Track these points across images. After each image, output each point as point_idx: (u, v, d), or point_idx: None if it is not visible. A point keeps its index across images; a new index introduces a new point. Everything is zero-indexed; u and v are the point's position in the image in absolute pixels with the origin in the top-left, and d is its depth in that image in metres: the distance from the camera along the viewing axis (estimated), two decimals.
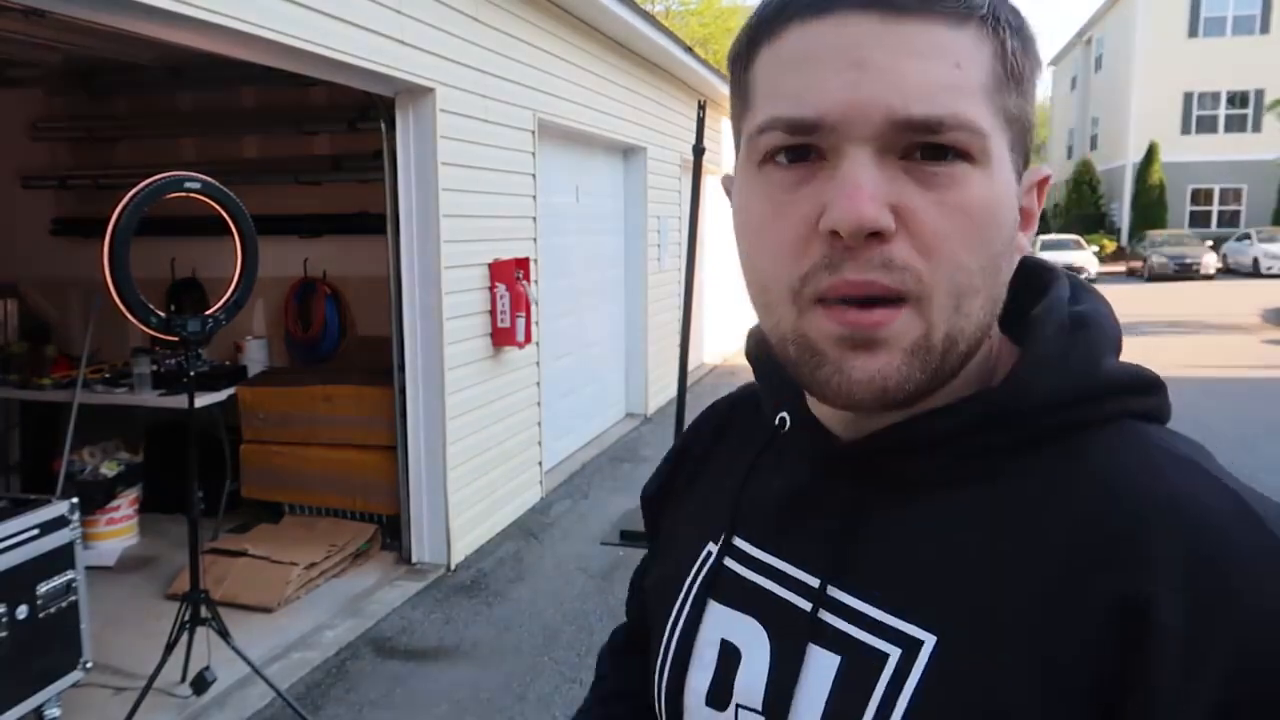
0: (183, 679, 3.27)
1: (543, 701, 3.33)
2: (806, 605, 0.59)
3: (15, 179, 5.83)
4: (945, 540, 0.55)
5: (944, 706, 0.52)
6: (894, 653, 0.54)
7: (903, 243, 0.51)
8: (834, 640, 0.57)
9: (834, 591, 0.58)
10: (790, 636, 0.59)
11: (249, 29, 3.11)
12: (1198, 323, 14.19)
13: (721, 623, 0.64)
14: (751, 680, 0.61)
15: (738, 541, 0.66)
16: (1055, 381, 0.56)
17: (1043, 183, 0.59)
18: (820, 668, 0.57)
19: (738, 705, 0.61)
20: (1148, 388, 0.58)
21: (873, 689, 0.54)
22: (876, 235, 0.50)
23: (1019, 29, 0.54)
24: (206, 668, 3.27)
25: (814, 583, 0.59)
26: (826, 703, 0.56)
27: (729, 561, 0.66)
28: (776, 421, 0.66)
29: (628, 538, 4.98)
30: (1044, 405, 0.55)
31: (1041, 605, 0.50)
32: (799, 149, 0.53)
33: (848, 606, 0.57)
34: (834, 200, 0.50)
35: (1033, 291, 0.61)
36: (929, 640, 0.53)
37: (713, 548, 0.68)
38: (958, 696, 0.51)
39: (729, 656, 0.63)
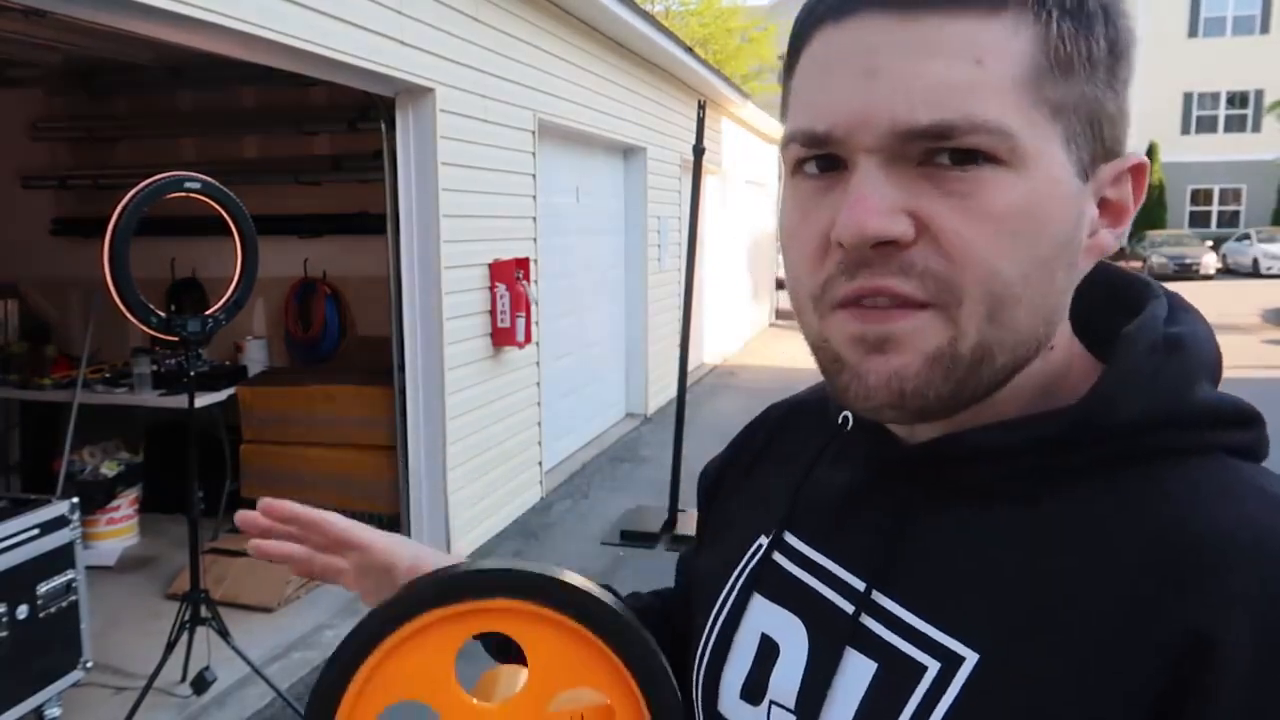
0: (183, 679, 3.27)
1: None
2: (849, 607, 0.58)
3: (15, 179, 5.83)
4: (999, 556, 0.53)
5: None
6: (933, 666, 0.53)
7: (925, 250, 0.49)
8: (873, 646, 0.56)
9: (878, 596, 0.57)
10: (829, 637, 0.58)
11: (249, 29, 3.11)
12: None
13: (764, 616, 0.64)
14: (787, 677, 0.60)
15: (789, 537, 0.65)
16: (1141, 403, 0.52)
17: (1136, 169, 0.55)
18: (856, 673, 0.56)
19: (771, 701, 0.61)
20: (1243, 420, 0.54)
21: (906, 701, 0.53)
22: (891, 244, 0.49)
23: (1074, 7, 0.49)
24: (206, 667, 3.27)
25: (859, 585, 0.58)
26: (859, 709, 0.55)
27: (777, 556, 0.65)
28: (840, 420, 0.66)
29: (628, 538, 4.98)
30: (1126, 427, 0.52)
31: (1099, 632, 0.48)
32: (826, 157, 0.52)
33: (890, 613, 0.56)
34: (840, 212, 0.50)
35: (1127, 307, 0.58)
36: (971, 657, 0.51)
37: (764, 541, 0.67)
38: (996, 718, 0.50)
39: (767, 651, 0.62)
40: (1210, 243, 24.35)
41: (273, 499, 0.74)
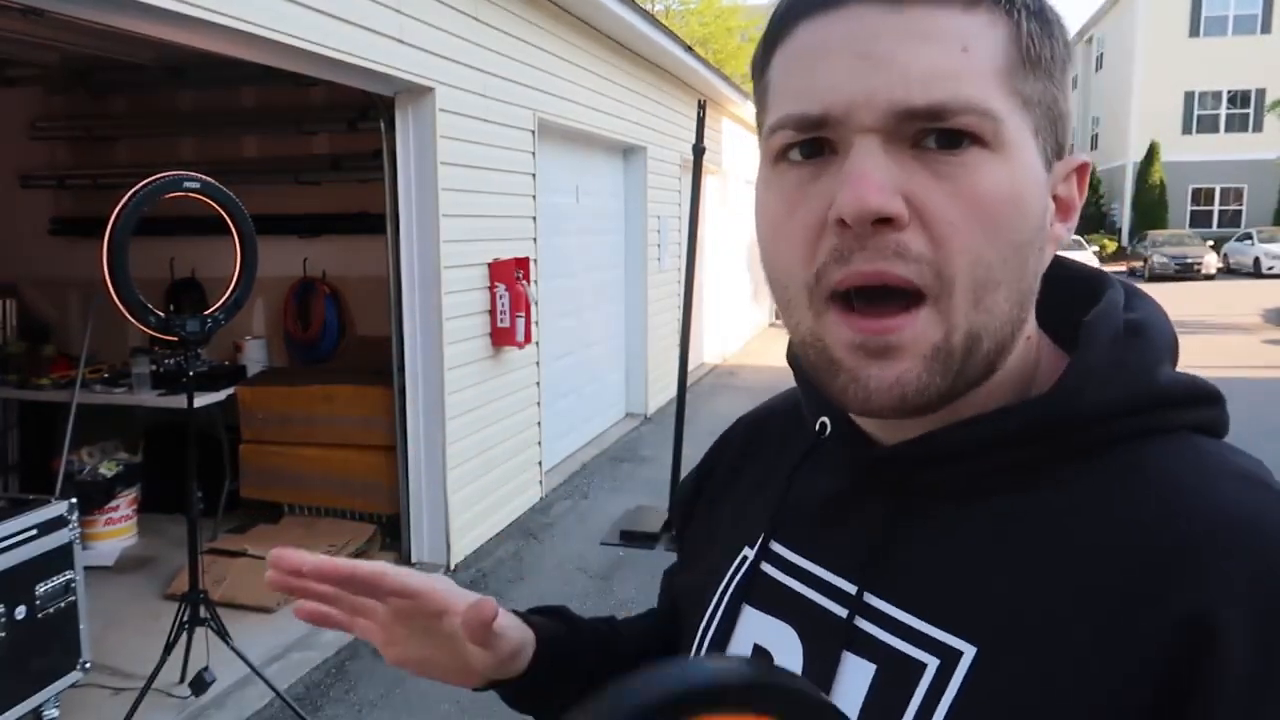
0: (182, 679, 3.26)
1: None
2: (842, 612, 0.58)
3: (14, 178, 5.83)
4: (987, 549, 0.54)
5: (985, 719, 0.50)
6: (932, 663, 0.53)
7: (916, 232, 0.50)
8: (869, 648, 0.56)
9: (870, 599, 0.57)
10: (824, 642, 0.58)
11: (249, 28, 3.10)
12: (1198, 323, 14.18)
13: (755, 627, 0.64)
14: None
15: (775, 546, 0.65)
16: (1109, 390, 0.54)
17: (1081, 169, 0.58)
18: (855, 675, 0.56)
19: None
20: (1206, 399, 0.56)
21: (909, 699, 0.53)
22: (887, 223, 0.50)
23: (1038, 11, 0.53)
24: (205, 668, 3.27)
25: (850, 589, 0.58)
26: (861, 712, 0.55)
27: (765, 566, 0.65)
28: (817, 427, 0.65)
29: (628, 538, 4.97)
30: (1096, 414, 0.54)
31: (1095, 618, 0.49)
32: (812, 144, 0.53)
33: (884, 614, 0.56)
34: (841, 189, 0.50)
35: (1084, 299, 0.60)
36: (969, 651, 0.52)
37: (749, 552, 0.67)
38: (1000, 709, 0.50)
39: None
40: (1211, 242, 24.32)
41: (311, 557, 0.64)
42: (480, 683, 0.71)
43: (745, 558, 0.67)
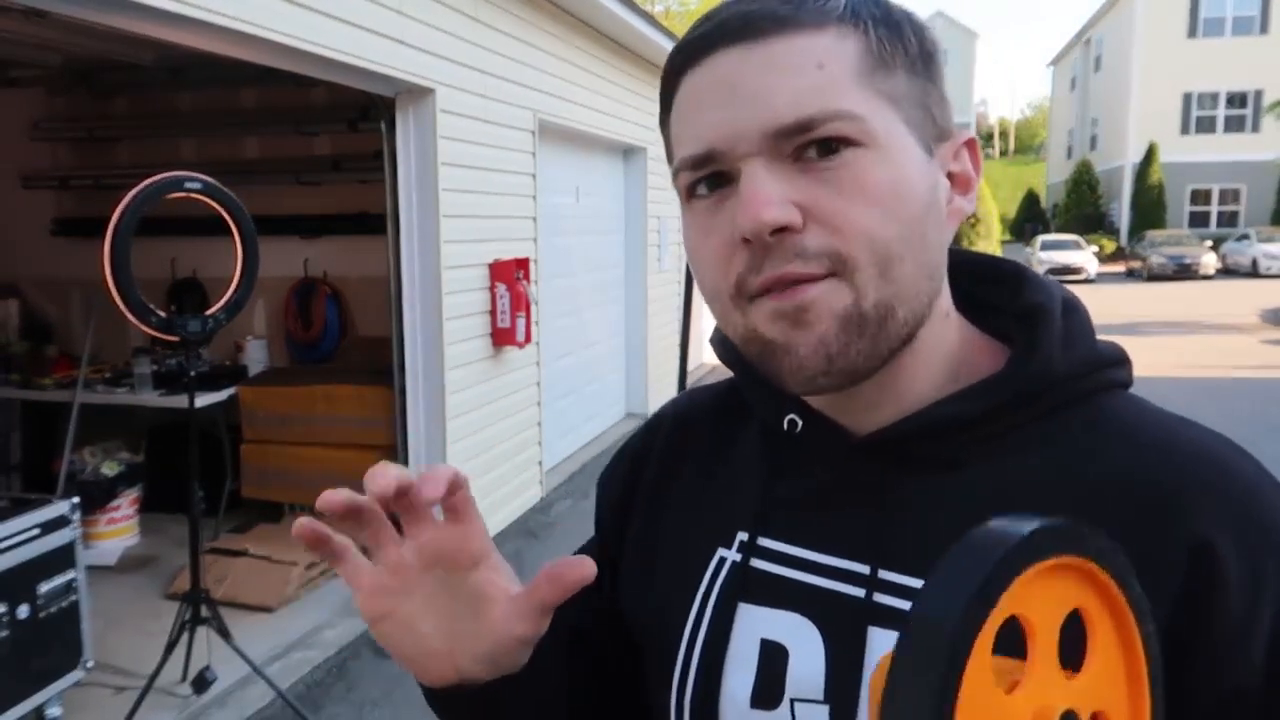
0: (183, 678, 3.27)
1: None
2: (859, 591, 0.61)
3: (16, 179, 5.83)
4: (985, 508, 0.53)
5: None
6: None
7: (814, 232, 0.56)
8: (893, 618, 0.59)
9: (885, 574, 0.60)
10: (845, 624, 0.61)
11: (249, 29, 3.11)
12: (1197, 323, 14.20)
13: (758, 623, 0.64)
14: (807, 673, 0.62)
15: (765, 541, 0.66)
16: (1070, 358, 0.61)
17: (969, 144, 0.64)
18: (883, 644, 0.59)
19: (793, 700, 0.62)
20: (1124, 360, 0.65)
21: None
22: (785, 230, 0.55)
23: (883, 18, 0.59)
24: (207, 667, 3.28)
25: (863, 569, 0.61)
26: None
27: (757, 562, 0.66)
28: (785, 425, 0.67)
29: None
30: (1064, 380, 0.61)
31: None
32: (713, 178, 0.59)
33: (901, 585, 0.60)
34: (737, 211, 0.56)
35: (1004, 286, 0.67)
36: None
37: (726, 553, 0.67)
38: None
39: (773, 655, 0.63)
40: (1209, 243, 24.35)
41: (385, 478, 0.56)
42: (455, 677, 0.61)
43: (724, 559, 0.67)
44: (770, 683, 0.63)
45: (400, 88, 4.25)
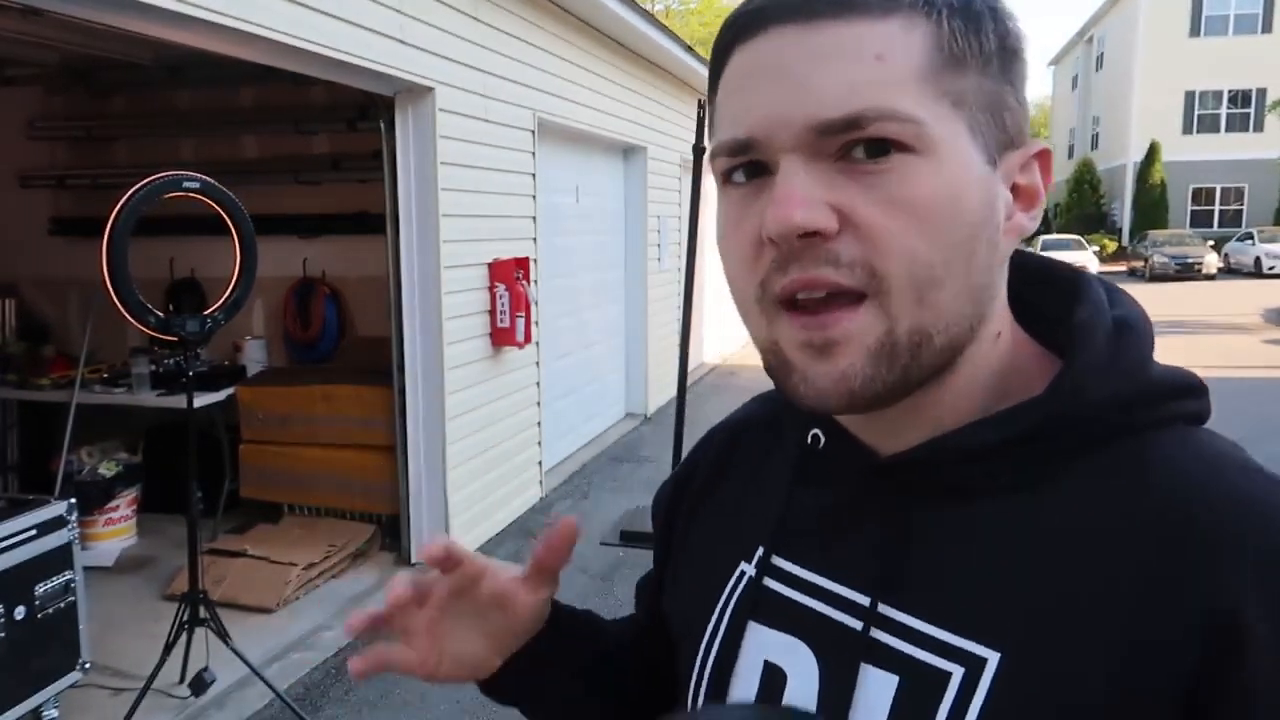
0: (181, 679, 3.26)
1: None
2: (857, 624, 0.57)
3: (13, 178, 5.82)
4: (1000, 551, 0.54)
5: None
6: (957, 671, 0.52)
7: (849, 240, 0.51)
8: (889, 659, 0.56)
9: (885, 609, 0.57)
10: (840, 656, 0.58)
11: (249, 29, 3.10)
12: (1199, 322, 14.18)
13: (764, 644, 0.63)
14: (801, 701, 0.59)
15: (779, 561, 0.64)
16: (1110, 386, 0.55)
17: (1041, 155, 0.57)
18: (876, 687, 0.55)
19: None
20: (1194, 391, 0.58)
21: (936, 709, 0.52)
22: (816, 235, 0.51)
23: (961, 7, 0.53)
24: (205, 668, 3.27)
25: (864, 600, 0.58)
26: None
27: (770, 582, 0.64)
28: (810, 440, 0.64)
29: (628, 538, 4.97)
30: (1100, 410, 0.54)
31: (1121, 611, 0.49)
32: (753, 165, 0.54)
33: (902, 624, 0.56)
34: (767, 209, 0.52)
35: (1059, 294, 0.60)
36: (993, 657, 0.52)
37: (746, 568, 0.66)
38: (1032, 713, 0.50)
39: (773, 679, 0.61)
40: (1212, 242, 24.33)
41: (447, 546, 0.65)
42: (505, 654, 0.70)
43: (744, 574, 0.66)
44: None
45: (400, 87, 4.24)
